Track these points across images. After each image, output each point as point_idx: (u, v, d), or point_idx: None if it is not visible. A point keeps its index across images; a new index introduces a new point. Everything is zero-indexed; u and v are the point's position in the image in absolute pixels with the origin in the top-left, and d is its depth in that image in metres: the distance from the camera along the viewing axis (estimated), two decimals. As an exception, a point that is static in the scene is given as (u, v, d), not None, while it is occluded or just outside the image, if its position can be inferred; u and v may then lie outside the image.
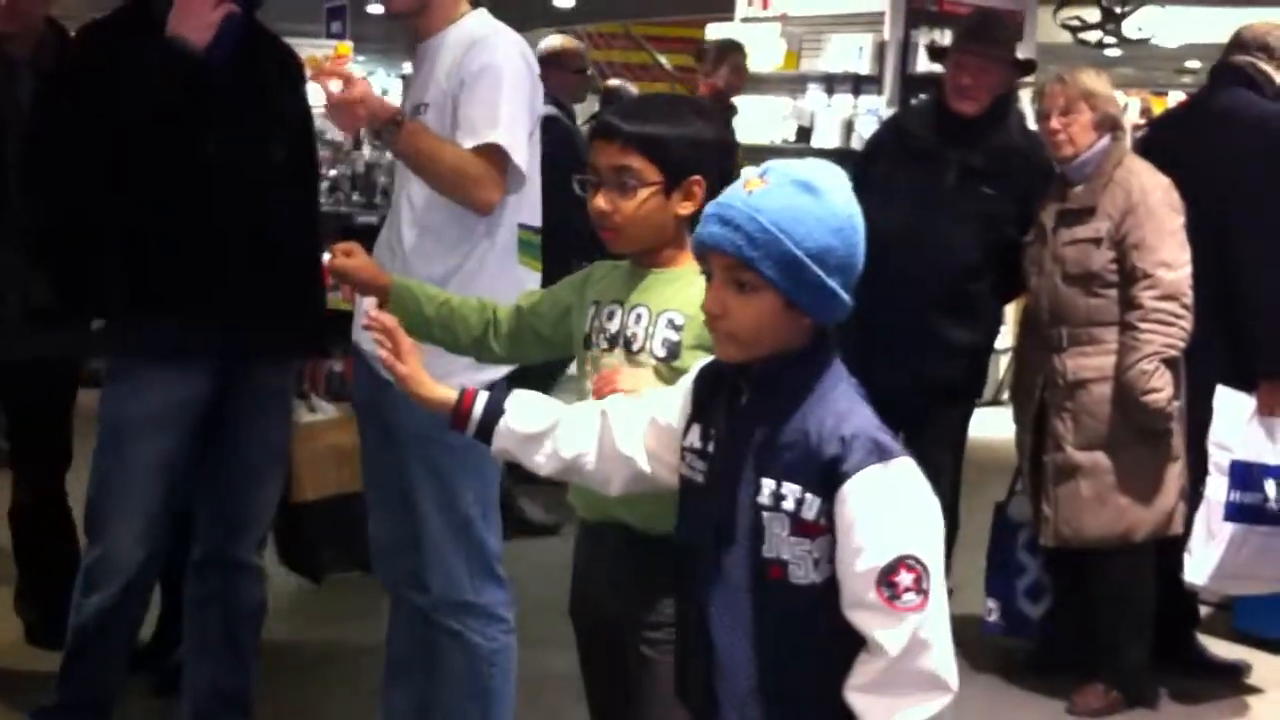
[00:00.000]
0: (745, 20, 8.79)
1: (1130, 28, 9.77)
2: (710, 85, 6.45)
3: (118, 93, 2.93)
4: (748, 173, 1.88)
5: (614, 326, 2.35)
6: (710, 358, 2.05)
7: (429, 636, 3.07)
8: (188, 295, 3.07)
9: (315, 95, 3.10)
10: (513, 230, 2.95)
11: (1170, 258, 3.79)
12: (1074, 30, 9.77)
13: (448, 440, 2.88)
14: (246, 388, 3.21)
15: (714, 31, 8.91)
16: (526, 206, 2.98)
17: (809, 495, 1.83)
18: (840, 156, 8.15)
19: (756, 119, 8.59)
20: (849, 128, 8.08)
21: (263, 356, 3.23)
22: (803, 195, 1.83)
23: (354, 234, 7.58)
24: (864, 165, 4.37)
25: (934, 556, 1.81)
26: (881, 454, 1.80)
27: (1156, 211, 3.82)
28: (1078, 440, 3.89)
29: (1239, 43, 4.28)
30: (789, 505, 1.84)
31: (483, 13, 2.98)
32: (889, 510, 1.80)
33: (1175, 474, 3.92)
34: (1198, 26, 13.66)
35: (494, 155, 2.81)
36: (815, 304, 1.85)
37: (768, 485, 1.86)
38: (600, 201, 2.31)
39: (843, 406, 1.85)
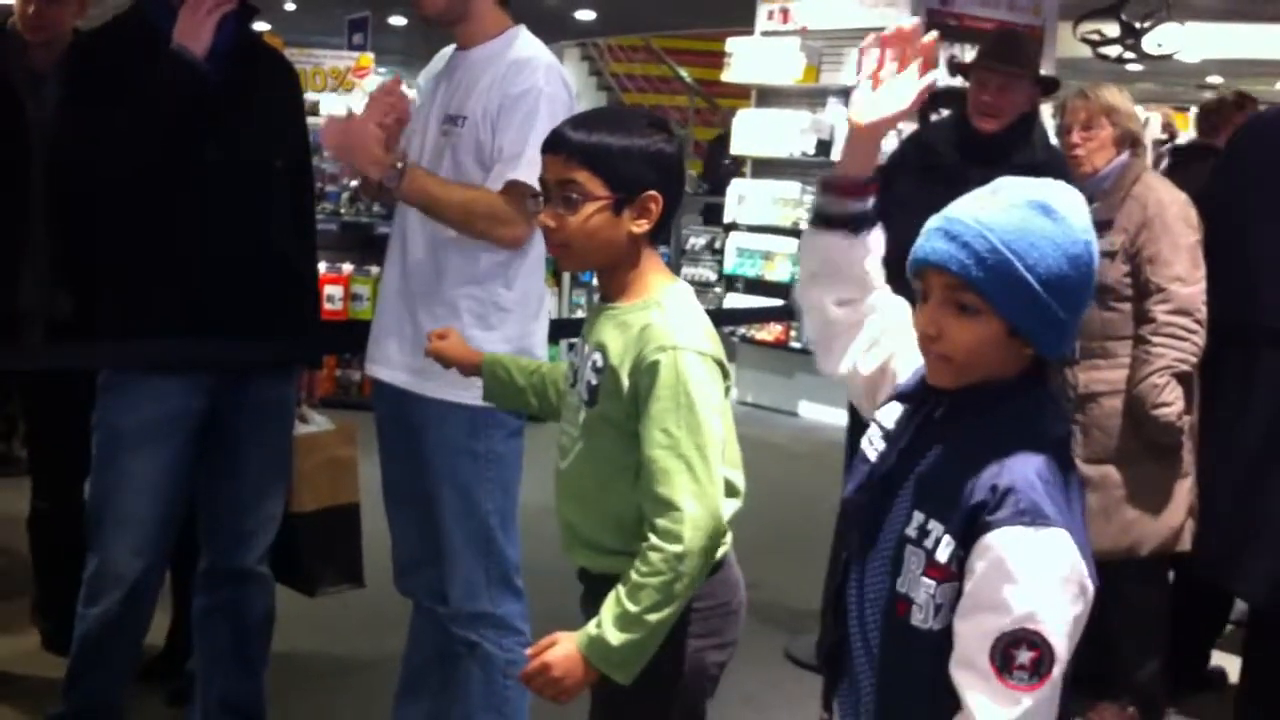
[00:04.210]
0: (765, 34, 8.80)
1: (1150, 43, 9.73)
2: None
3: (124, 104, 2.93)
4: (977, 191, 1.74)
5: (577, 361, 2.30)
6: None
7: (447, 649, 3.07)
8: (183, 306, 3.07)
9: (330, 106, 3.10)
10: (540, 250, 2.95)
11: (1184, 272, 3.78)
12: (1094, 45, 9.74)
13: (471, 450, 2.91)
14: (245, 399, 3.20)
15: (734, 45, 8.93)
16: None
17: (947, 537, 1.68)
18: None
19: (775, 132, 8.61)
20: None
21: (260, 367, 3.23)
22: (1039, 217, 1.68)
23: (374, 244, 7.64)
24: (885, 181, 4.35)
25: (1062, 643, 1.63)
26: (1034, 517, 1.63)
27: (1172, 226, 3.81)
28: (1087, 453, 3.87)
29: None
30: (929, 543, 1.70)
31: (525, 31, 2.97)
32: (1024, 577, 1.62)
33: (1185, 490, 3.90)
34: (1218, 42, 13.65)
35: (526, 190, 2.77)
36: (1041, 334, 1.69)
37: (917, 517, 1.72)
38: (544, 217, 2.20)
39: (1019, 455, 1.68)
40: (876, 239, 1.98)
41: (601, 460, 2.21)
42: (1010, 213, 1.68)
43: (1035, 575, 1.62)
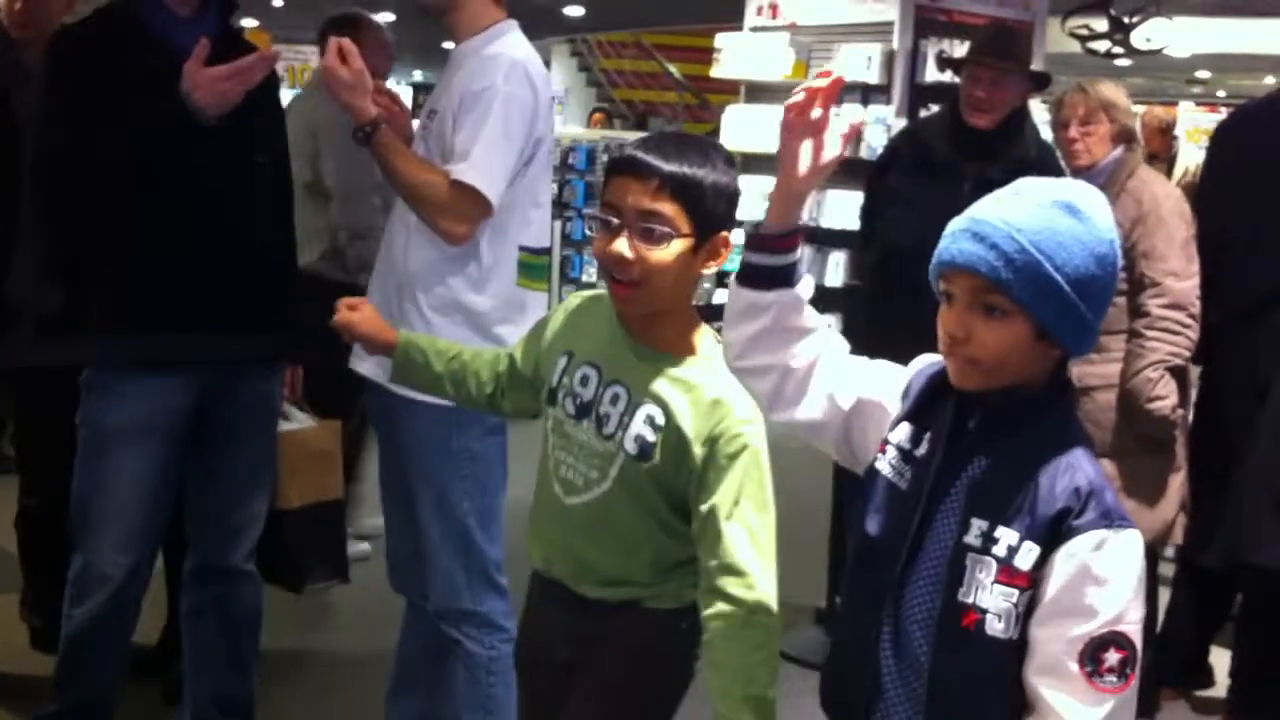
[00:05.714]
0: (754, 30, 8.80)
1: (1139, 38, 9.75)
2: None
3: (109, 106, 2.90)
4: (998, 192, 1.73)
5: (587, 394, 2.14)
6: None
7: (440, 645, 3.07)
8: (167, 304, 3.05)
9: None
10: (511, 252, 2.93)
11: (1179, 267, 3.79)
12: (1082, 39, 9.76)
13: (446, 448, 2.89)
14: (230, 396, 3.18)
15: (723, 40, 8.92)
16: (534, 228, 2.97)
17: (1028, 543, 1.65)
18: (849, 166, 8.16)
19: (765, 128, 8.60)
20: (858, 137, 8.08)
21: (244, 365, 3.21)
22: (1065, 216, 1.67)
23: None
24: (878, 177, 4.35)
25: (1139, 641, 1.65)
26: (1115, 519, 1.66)
27: (1167, 221, 3.82)
28: (1081, 448, 3.88)
29: None
30: (1000, 551, 1.67)
31: (511, 26, 2.94)
32: (1111, 581, 1.63)
33: (1177, 484, 3.91)
34: (1207, 37, 13.69)
35: (465, 190, 2.78)
36: (1069, 334, 1.69)
37: (978, 525, 1.69)
38: (622, 247, 2.01)
39: (1078, 457, 1.70)
40: (807, 281, 1.87)
41: (641, 508, 2.12)
42: (1036, 213, 1.67)
43: (1121, 578, 1.64)
